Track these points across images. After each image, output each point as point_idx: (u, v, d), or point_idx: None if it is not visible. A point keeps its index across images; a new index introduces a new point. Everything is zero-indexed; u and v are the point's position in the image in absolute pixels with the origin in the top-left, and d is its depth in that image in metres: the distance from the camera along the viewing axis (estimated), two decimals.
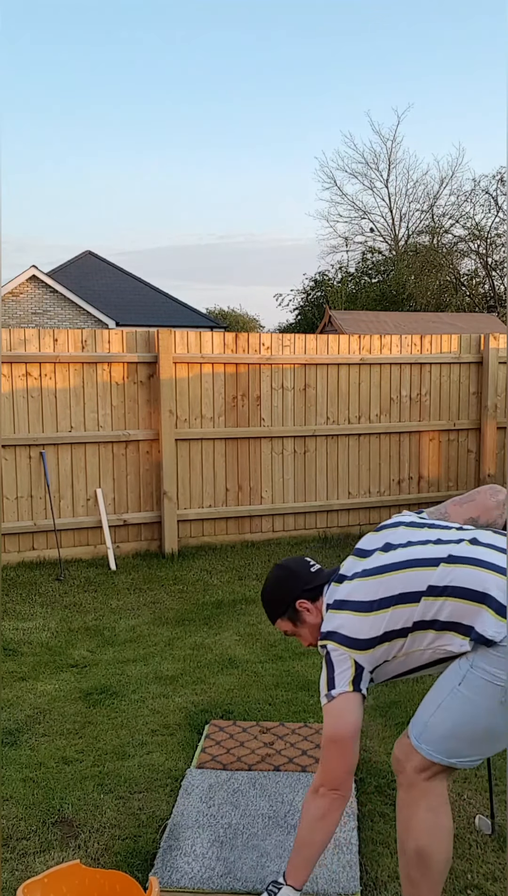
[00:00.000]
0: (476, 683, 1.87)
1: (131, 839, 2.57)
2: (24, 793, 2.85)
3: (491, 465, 7.37)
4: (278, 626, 2.29)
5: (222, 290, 73.00)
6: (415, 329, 18.53)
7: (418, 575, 1.98)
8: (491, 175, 28.63)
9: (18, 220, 58.15)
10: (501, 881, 2.35)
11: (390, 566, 2.05)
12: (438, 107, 52.13)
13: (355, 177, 38.99)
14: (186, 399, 6.43)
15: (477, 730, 1.90)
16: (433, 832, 1.94)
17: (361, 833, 2.57)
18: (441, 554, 1.99)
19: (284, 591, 2.24)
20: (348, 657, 2.01)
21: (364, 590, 2.04)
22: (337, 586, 2.12)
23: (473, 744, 1.92)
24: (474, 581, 1.90)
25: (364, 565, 2.11)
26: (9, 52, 49.57)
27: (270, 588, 2.29)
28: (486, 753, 1.94)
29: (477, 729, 1.90)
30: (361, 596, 2.04)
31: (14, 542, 6.03)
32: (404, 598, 1.97)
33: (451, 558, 1.97)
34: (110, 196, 62.95)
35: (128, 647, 4.34)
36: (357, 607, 2.03)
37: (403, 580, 1.99)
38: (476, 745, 1.92)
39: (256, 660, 4.12)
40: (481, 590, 1.88)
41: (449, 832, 1.96)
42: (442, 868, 1.97)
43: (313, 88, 53.84)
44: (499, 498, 2.30)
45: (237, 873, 2.34)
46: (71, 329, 6.74)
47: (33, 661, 4.15)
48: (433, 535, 2.09)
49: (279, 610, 2.26)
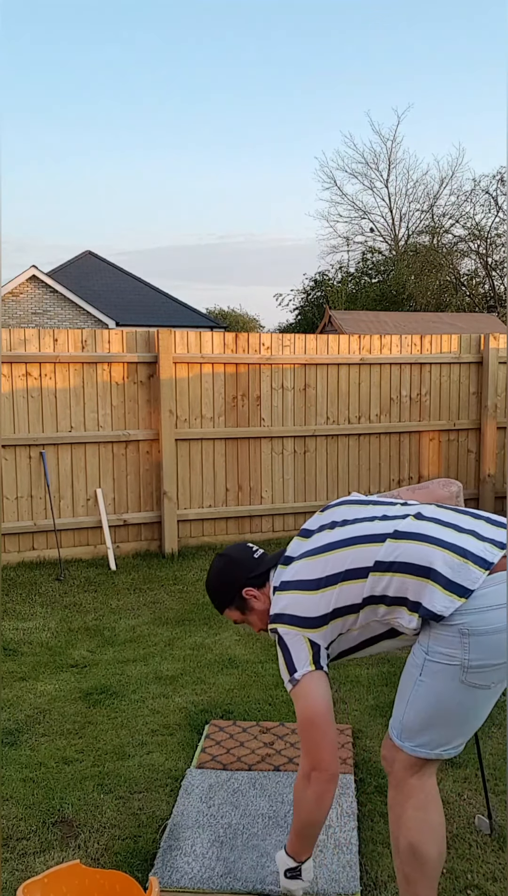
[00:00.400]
0: (435, 669, 1.88)
1: (131, 839, 2.57)
2: (24, 793, 2.85)
3: (491, 465, 7.37)
4: (227, 616, 2.28)
5: (222, 290, 73.08)
6: (415, 329, 18.53)
7: (364, 551, 1.98)
8: (491, 175, 28.66)
9: (18, 220, 58.19)
10: (501, 881, 2.36)
11: (335, 543, 2.05)
12: (438, 107, 52.19)
13: (355, 177, 39.02)
14: (186, 399, 6.43)
15: (450, 714, 1.90)
16: (424, 828, 1.94)
17: (361, 833, 2.57)
18: (387, 530, 1.99)
19: (228, 581, 2.23)
20: (301, 637, 2.00)
21: (310, 568, 2.05)
22: (283, 568, 2.12)
23: (450, 729, 1.91)
24: (419, 556, 1.90)
25: (310, 545, 2.11)
26: (9, 52, 49.57)
27: (214, 579, 2.27)
28: (466, 735, 1.94)
29: (449, 713, 1.90)
30: (307, 575, 2.04)
31: (14, 542, 6.03)
32: (351, 575, 1.97)
33: (397, 533, 1.97)
34: (110, 196, 62.97)
35: (128, 647, 4.34)
36: (304, 586, 2.03)
37: (349, 556, 1.99)
38: (454, 729, 1.92)
39: (256, 660, 4.12)
40: (426, 565, 1.88)
41: (440, 827, 1.96)
42: (436, 863, 1.97)
43: (313, 88, 53.87)
44: (451, 490, 2.32)
45: (237, 873, 2.34)
46: (71, 329, 6.74)
47: (33, 661, 4.15)
48: (378, 512, 2.09)
49: (226, 600, 2.25)
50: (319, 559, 2.05)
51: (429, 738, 1.92)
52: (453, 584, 1.84)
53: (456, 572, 1.85)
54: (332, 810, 2.64)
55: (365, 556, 1.97)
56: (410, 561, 1.90)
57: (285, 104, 56.25)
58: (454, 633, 1.84)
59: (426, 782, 1.96)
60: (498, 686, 1.90)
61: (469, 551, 1.88)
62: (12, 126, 55.02)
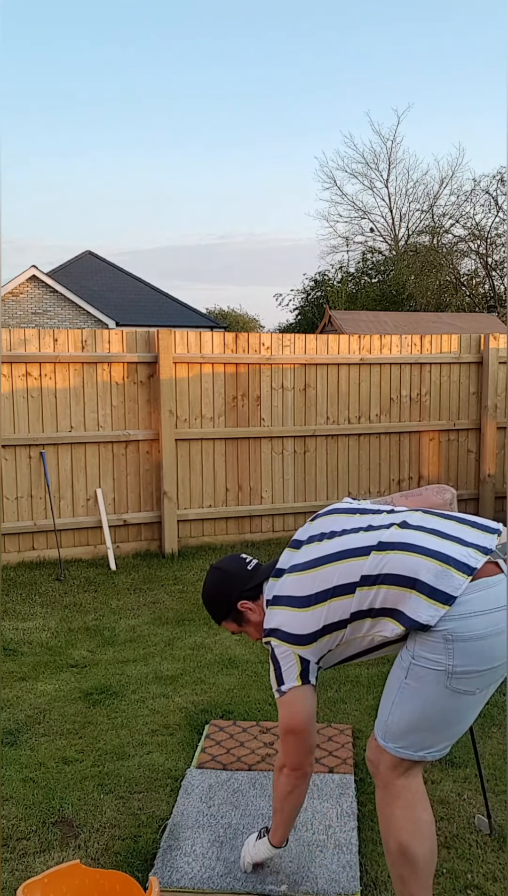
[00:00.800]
0: (421, 674, 1.88)
1: (131, 839, 2.57)
2: (24, 793, 2.85)
3: (491, 465, 7.37)
4: (225, 627, 2.33)
5: (222, 290, 73.06)
6: (415, 329, 18.52)
7: (351, 566, 1.98)
8: (491, 175, 28.62)
9: (18, 220, 58.18)
10: (501, 881, 2.35)
11: (323, 559, 2.05)
12: (438, 107, 52.20)
13: (355, 177, 38.96)
14: (186, 399, 6.43)
15: (434, 718, 1.90)
16: (412, 827, 1.94)
17: (361, 833, 2.57)
18: (372, 542, 1.99)
19: (223, 595, 2.26)
20: (291, 653, 2.04)
21: (300, 585, 2.06)
22: (275, 581, 2.15)
23: (435, 732, 1.92)
24: (404, 567, 1.89)
25: (299, 558, 2.12)
26: (9, 52, 49.56)
27: (209, 593, 2.31)
28: (451, 739, 1.95)
29: (434, 717, 1.90)
30: (297, 591, 2.06)
31: (14, 542, 6.03)
32: (339, 591, 1.98)
33: (381, 545, 1.96)
34: (110, 196, 62.96)
35: (128, 647, 4.34)
36: (295, 603, 2.05)
37: (337, 572, 2.00)
38: (439, 733, 1.92)
39: (256, 660, 4.12)
40: (411, 575, 1.87)
41: (430, 826, 1.97)
42: (428, 862, 1.97)
43: (313, 88, 53.87)
44: (445, 497, 2.30)
45: (237, 873, 2.34)
46: (71, 329, 6.74)
47: (33, 661, 4.15)
48: (363, 522, 2.09)
49: (222, 613, 2.29)
50: (308, 574, 2.06)
51: (413, 740, 1.92)
52: (437, 592, 1.83)
53: (440, 580, 1.84)
54: (332, 810, 2.64)
55: (352, 572, 1.97)
56: (395, 572, 1.90)
57: (285, 104, 56.28)
58: (438, 639, 1.84)
59: (413, 782, 1.97)
60: (484, 693, 1.89)
61: (452, 557, 1.87)
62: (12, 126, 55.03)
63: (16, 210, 55.53)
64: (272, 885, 2.28)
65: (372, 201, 48.75)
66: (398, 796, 1.95)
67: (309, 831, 2.53)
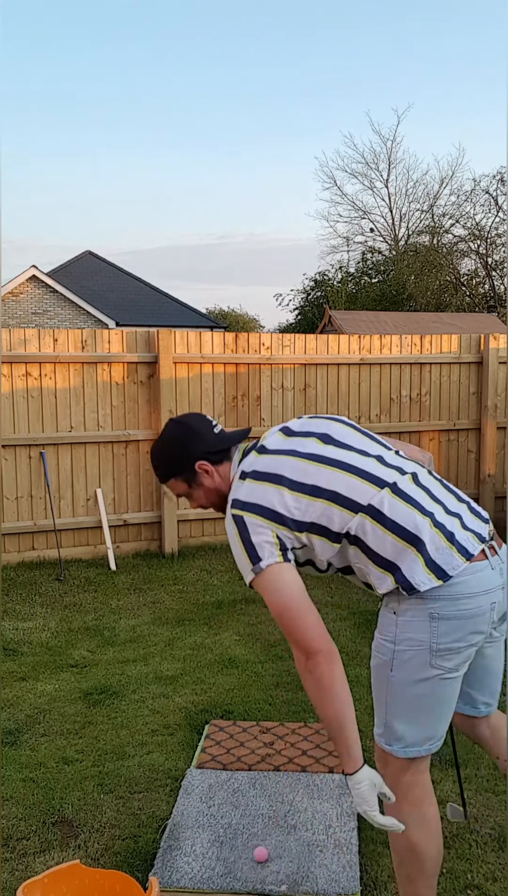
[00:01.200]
0: (405, 658, 1.85)
1: (131, 839, 2.57)
2: (24, 793, 2.85)
3: (491, 465, 7.37)
4: (170, 486, 2.12)
5: (222, 290, 73.05)
6: (415, 329, 18.53)
7: (360, 486, 1.90)
8: (491, 175, 28.64)
9: (18, 220, 58.20)
10: (501, 881, 2.35)
11: (329, 460, 1.94)
12: (438, 107, 52.20)
13: (355, 177, 38.99)
14: (187, 399, 6.43)
15: (430, 704, 1.88)
16: (421, 824, 1.93)
17: (361, 833, 2.57)
18: (387, 478, 1.92)
19: (183, 450, 2.05)
20: (270, 530, 1.87)
21: (296, 469, 1.92)
22: (259, 457, 1.98)
23: (432, 719, 1.90)
24: (412, 523, 1.85)
25: (294, 445, 1.98)
26: (9, 51, 49.58)
27: (167, 445, 2.08)
28: (446, 723, 1.93)
29: (429, 703, 1.88)
30: (290, 473, 1.92)
31: (14, 542, 6.03)
32: (341, 501, 1.89)
33: (396, 489, 1.90)
34: (110, 196, 62.97)
35: (128, 647, 4.34)
36: (285, 483, 1.90)
37: (343, 482, 1.90)
38: (437, 720, 1.90)
39: (256, 660, 4.12)
40: (416, 534, 1.84)
41: (436, 821, 1.96)
42: (436, 859, 1.96)
43: (313, 88, 53.88)
44: (428, 455, 2.29)
45: (237, 873, 2.34)
46: (71, 329, 6.74)
47: (33, 661, 4.15)
48: (374, 450, 2.00)
49: (174, 470, 2.08)
50: (309, 464, 1.93)
51: (416, 735, 1.90)
52: (435, 565, 1.82)
53: (441, 554, 1.83)
54: (332, 810, 2.64)
55: (360, 492, 1.89)
56: (402, 524, 1.85)
57: (285, 104, 56.30)
58: (424, 616, 1.83)
59: (421, 778, 1.95)
60: (463, 669, 1.90)
61: (456, 538, 1.86)
62: (12, 126, 55.04)
63: (16, 210, 55.60)
64: (272, 886, 2.28)
65: (372, 201, 48.79)
66: (407, 794, 1.93)
67: (309, 831, 2.53)
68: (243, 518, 1.88)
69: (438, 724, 1.91)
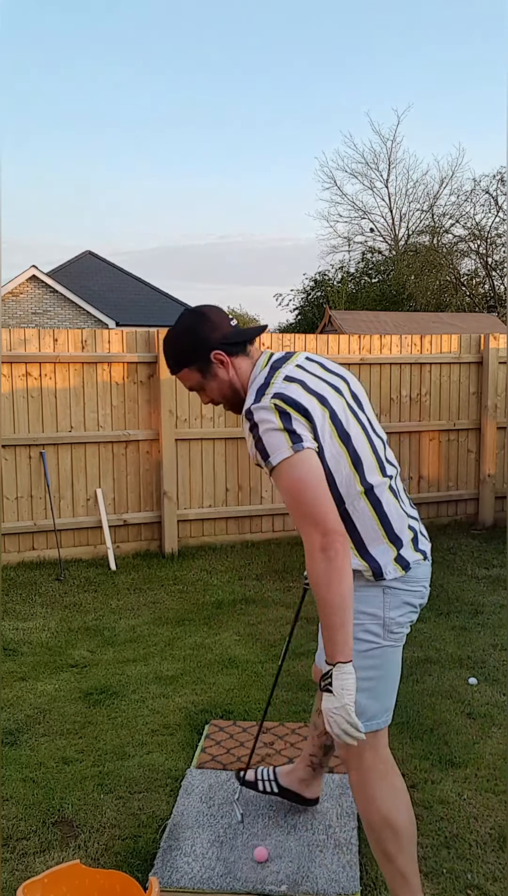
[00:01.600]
0: (360, 630, 1.96)
1: (131, 839, 2.57)
2: (24, 793, 2.85)
3: (491, 465, 7.37)
4: (182, 377, 2.05)
5: (222, 290, 73.01)
6: (415, 329, 18.53)
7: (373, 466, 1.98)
8: (491, 175, 28.66)
9: (18, 220, 58.20)
10: (501, 881, 2.36)
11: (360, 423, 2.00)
12: (438, 107, 52.22)
13: (355, 177, 39.06)
14: (187, 399, 6.43)
15: (388, 676, 2.01)
16: (390, 795, 1.99)
17: (361, 833, 2.57)
18: (386, 469, 2.02)
19: (200, 338, 1.98)
20: (307, 430, 1.84)
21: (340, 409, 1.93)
22: (304, 373, 1.94)
23: (388, 690, 2.02)
24: (398, 523, 1.99)
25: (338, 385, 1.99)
26: (8, 51, 49.59)
27: (182, 334, 2.00)
28: (395, 690, 2.05)
29: (387, 675, 2.01)
30: (335, 407, 1.92)
31: (14, 542, 6.03)
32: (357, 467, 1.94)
33: (393, 490, 2.02)
34: (110, 196, 62.99)
35: (128, 647, 4.34)
36: (330, 415, 1.90)
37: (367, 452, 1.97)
38: (391, 689, 2.03)
39: (256, 660, 4.12)
40: (398, 534, 1.98)
41: (404, 792, 2.03)
42: (410, 831, 2.00)
43: (313, 88, 53.89)
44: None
45: (237, 873, 2.34)
46: (71, 329, 6.74)
47: (33, 661, 4.15)
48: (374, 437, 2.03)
49: (190, 359, 2.00)
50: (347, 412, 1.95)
51: (376, 708, 1.99)
52: (404, 560, 1.97)
53: (408, 552, 1.99)
54: (332, 810, 2.64)
55: (371, 471, 1.97)
56: (391, 520, 1.98)
57: (285, 104, 56.31)
58: (377, 592, 1.95)
59: (382, 752, 2.02)
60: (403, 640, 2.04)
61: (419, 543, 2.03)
62: (12, 126, 55.05)
63: (16, 210, 55.58)
64: (272, 886, 2.28)
65: (372, 201, 48.84)
66: (372, 769, 2.00)
67: (309, 831, 2.53)
68: (289, 412, 1.83)
69: (392, 695, 2.03)
